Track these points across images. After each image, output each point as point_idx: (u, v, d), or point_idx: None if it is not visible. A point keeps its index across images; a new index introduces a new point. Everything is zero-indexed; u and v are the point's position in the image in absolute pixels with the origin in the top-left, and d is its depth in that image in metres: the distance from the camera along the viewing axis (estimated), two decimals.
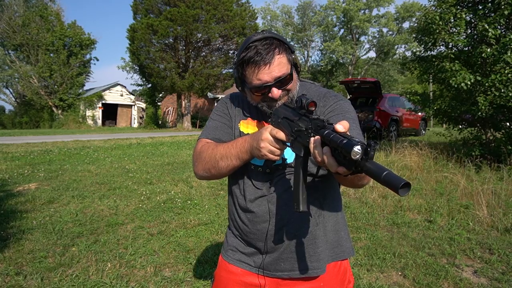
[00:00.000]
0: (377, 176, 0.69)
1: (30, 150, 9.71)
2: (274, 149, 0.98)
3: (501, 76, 5.77)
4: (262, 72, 1.06)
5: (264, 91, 1.10)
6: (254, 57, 1.06)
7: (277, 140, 0.98)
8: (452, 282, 2.60)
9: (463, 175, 5.20)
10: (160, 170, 6.93)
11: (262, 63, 1.06)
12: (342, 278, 1.23)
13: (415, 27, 8.10)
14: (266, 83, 1.07)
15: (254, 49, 1.07)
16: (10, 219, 3.89)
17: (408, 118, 13.02)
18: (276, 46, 1.08)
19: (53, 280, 2.61)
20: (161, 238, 3.46)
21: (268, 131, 0.98)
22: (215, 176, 1.17)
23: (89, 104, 26.97)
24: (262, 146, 0.98)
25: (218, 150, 1.12)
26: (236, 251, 1.24)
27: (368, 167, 0.71)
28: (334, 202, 1.23)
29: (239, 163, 1.10)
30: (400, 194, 0.66)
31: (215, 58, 21.06)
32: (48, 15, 26.39)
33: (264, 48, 1.06)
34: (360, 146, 0.70)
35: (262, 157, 1.00)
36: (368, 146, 0.70)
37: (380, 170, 0.69)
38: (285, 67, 1.09)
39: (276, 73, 1.07)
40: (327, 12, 38.63)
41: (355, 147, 0.70)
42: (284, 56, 1.09)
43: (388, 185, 0.67)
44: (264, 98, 1.12)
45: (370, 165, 0.70)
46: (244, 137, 1.10)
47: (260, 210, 1.16)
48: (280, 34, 1.42)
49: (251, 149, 1.04)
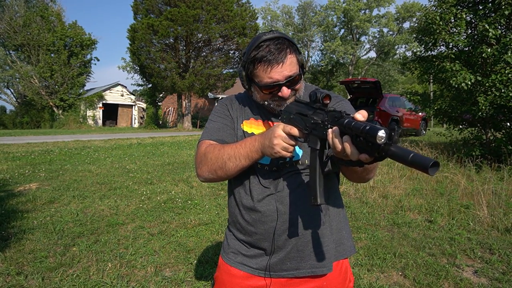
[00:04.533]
0: (404, 158, 0.69)
1: (31, 150, 9.72)
2: (288, 145, 0.98)
3: (502, 76, 5.77)
4: (275, 71, 1.08)
5: (274, 90, 1.11)
6: (267, 55, 1.08)
7: (291, 136, 0.98)
8: (453, 282, 2.60)
9: (464, 175, 5.20)
10: (160, 170, 6.93)
11: (275, 62, 1.07)
12: (344, 276, 1.23)
13: (415, 27, 8.10)
14: (277, 81, 1.09)
15: (266, 48, 1.08)
16: (11, 219, 3.90)
17: (409, 118, 13.02)
18: (287, 46, 1.10)
19: (54, 280, 2.62)
20: (161, 238, 3.46)
21: (281, 128, 0.98)
22: (221, 177, 1.15)
23: (89, 104, 26.99)
24: (275, 143, 0.98)
25: (226, 151, 1.10)
26: (238, 254, 1.23)
27: (393, 151, 0.71)
28: (337, 200, 1.24)
29: (248, 163, 1.09)
30: (430, 174, 0.66)
31: (216, 58, 21.05)
32: (49, 15, 26.37)
33: (277, 48, 1.08)
34: (384, 130, 0.70)
35: (275, 154, 0.99)
36: (392, 131, 0.70)
37: (406, 153, 0.69)
38: (295, 67, 1.11)
39: (288, 72, 1.09)
40: (328, 12, 38.67)
41: (379, 132, 0.70)
42: (295, 56, 1.12)
43: (417, 166, 0.67)
44: (273, 97, 1.13)
45: (395, 149, 0.71)
46: (253, 136, 1.08)
47: (268, 210, 1.15)
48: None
49: (262, 147, 1.03)
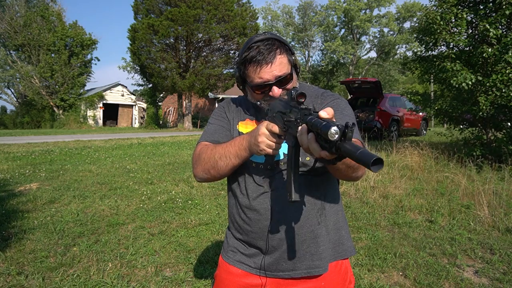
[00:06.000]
0: (352, 154, 0.69)
1: (31, 150, 9.73)
2: (271, 143, 0.99)
3: (502, 76, 5.76)
4: (264, 71, 1.10)
5: (265, 90, 1.12)
6: (256, 56, 1.10)
7: (273, 134, 0.99)
8: (453, 282, 2.60)
9: (464, 175, 5.19)
10: (161, 170, 6.93)
11: (264, 62, 1.09)
12: (344, 277, 1.23)
13: (416, 27, 8.09)
14: (267, 81, 1.11)
15: (256, 49, 1.10)
16: (11, 219, 3.90)
17: (409, 118, 13.01)
18: (277, 47, 1.11)
19: (54, 280, 2.62)
20: (162, 238, 3.46)
21: (264, 126, 1.00)
22: (215, 177, 1.18)
23: (90, 104, 27.00)
24: (259, 141, 0.99)
25: (217, 150, 1.13)
26: (236, 252, 1.24)
27: (344, 147, 0.71)
28: (335, 200, 1.24)
29: (238, 161, 1.11)
30: (373, 170, 0.66)
31: (216, 58, 21.05)
32: (49, 16, 26.36)
33: (266, 48, 1.10)
34: (337, 127, 0.71)
35: (260, 152, 1.01)
36: (346, 127, 0.71)
37: (355, 149, 0.69)
38: (286, 67, 1.12)
39: (277, 72, 1.10)
40: (328, 12, 38.66)
41: (332, 128, 0.71)
42: (285, 56, 1.13)
43: (361, 161, 0.67)
44: (264, 97, 1.14)
45: (347, 145, 0.71)
46: (242, 135, 1.11)
47: (262, 208, 1.16)
48: (281, 34, 1.45)
49: (249, 145, 1.05)
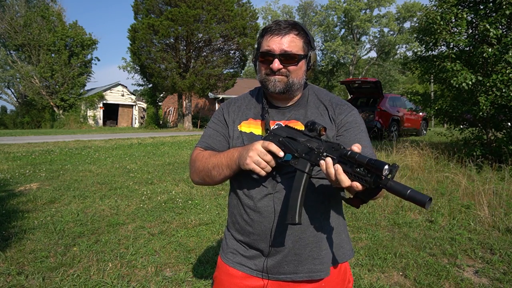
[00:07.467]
0: (402, 193, 0.80)
1: (31, 150, 9.73)
2: (261, 160, 1.02)
3: (503, 76, 5.76)
4: (273, 40, 1.13)
5: (269, 59, 1.14)
6: (272, 26, 1.15)
7: (267, 152, 1.01)
8: (453, 282, 2.60)
9: (464, 175, 5.19)
10: (161, 170, 6.93)
11: (276, 33, 1.13)
12: (343, 277, 1.23)
13: (416, 27, 8.09)
14: (272, 51, 1.13)
15: (277, 23, 1.15)
16: (11, 219, 3.90)
17: (409, 118, 13.01)
18: (297, 30, 1.15)
19: (55, 280, 2.62)
20: (162, 238, 3.46)
21: (260, 143, 1.03)
22: (210, 184, 1.23)
23: (90, 104, 27.01)
24: (250, 155, 1.02)
25: (211, 160, 1.17)
26: (236, 254, 1.23)
27: (391, 185, 0.82)
28: (338, 205, 1.24)
29: (229, 172, 1.14)
30: (426, 208, 0.78)
31: (216, 58, 21.03)
32: (49, 16, 26.37)
33: (285, 26, 1.14)
34: (388, 166, 0.81)
35: (245, 166, 1.04)
36: (393, 167, 0.82)
37: (404, 189, 0.80)
38: (296, 48, 1.14)
39: (285, 46, 1.12)
40: (328, 12, 38.67)
41: (385, 166, 0.80)
42: (300, 41, 1.15)
43: (414, 201, 0.79)
44: (267, 71, 1.16)
45: (393, 183, 0.82)
46: (236, 148, 1.14)
47: (266, 210, 1.15)
48: None
49: (239, 158, 1.07)
